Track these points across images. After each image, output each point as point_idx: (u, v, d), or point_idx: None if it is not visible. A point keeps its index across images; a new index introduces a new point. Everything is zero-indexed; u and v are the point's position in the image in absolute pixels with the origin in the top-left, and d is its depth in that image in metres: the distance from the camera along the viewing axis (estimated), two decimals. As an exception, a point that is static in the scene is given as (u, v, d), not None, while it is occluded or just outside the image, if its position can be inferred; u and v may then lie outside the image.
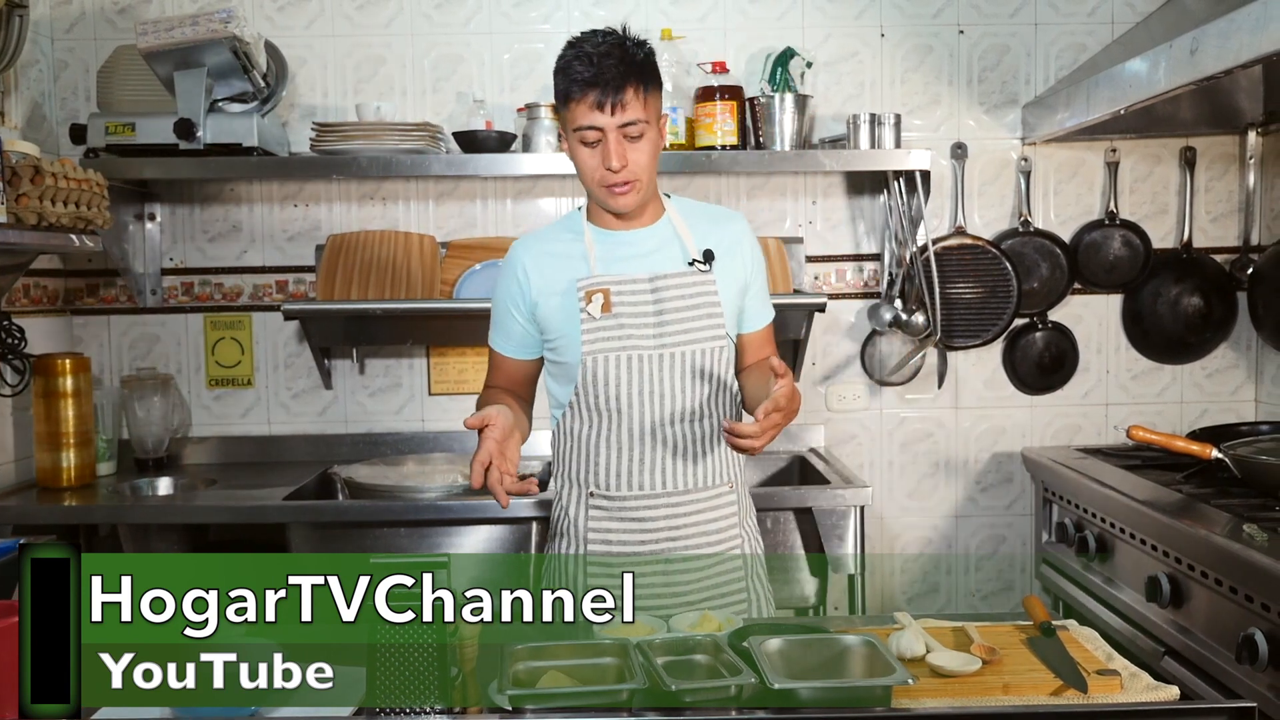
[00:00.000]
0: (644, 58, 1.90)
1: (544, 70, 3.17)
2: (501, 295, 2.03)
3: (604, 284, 1.93)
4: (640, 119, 1.86)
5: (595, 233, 1.98)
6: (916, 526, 3.32)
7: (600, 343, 1.92)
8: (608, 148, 1.85)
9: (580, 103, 1.85)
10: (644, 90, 1.87)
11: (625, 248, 1.97)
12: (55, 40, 3.13)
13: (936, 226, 3.23)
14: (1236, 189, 3.25)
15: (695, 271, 1.95)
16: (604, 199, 1.91)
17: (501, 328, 2.04)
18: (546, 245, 2.01)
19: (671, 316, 1.93)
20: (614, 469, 1.95)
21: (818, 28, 3.20)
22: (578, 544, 2.01)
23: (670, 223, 1.99)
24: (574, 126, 1.88)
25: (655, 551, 1.96)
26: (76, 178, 2.50)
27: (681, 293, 1.94)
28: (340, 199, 3.21)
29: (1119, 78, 2.55)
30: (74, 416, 2.83)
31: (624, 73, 1.85)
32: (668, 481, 1.95)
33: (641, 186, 1.90)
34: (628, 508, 1.96)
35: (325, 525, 2.66)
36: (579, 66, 1.86)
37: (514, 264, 2.01)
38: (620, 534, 1.97)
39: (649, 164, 1.89)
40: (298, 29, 3.16)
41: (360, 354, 3.23)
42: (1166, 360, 3.30)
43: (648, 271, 1.95)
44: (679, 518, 1.96)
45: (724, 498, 2.00)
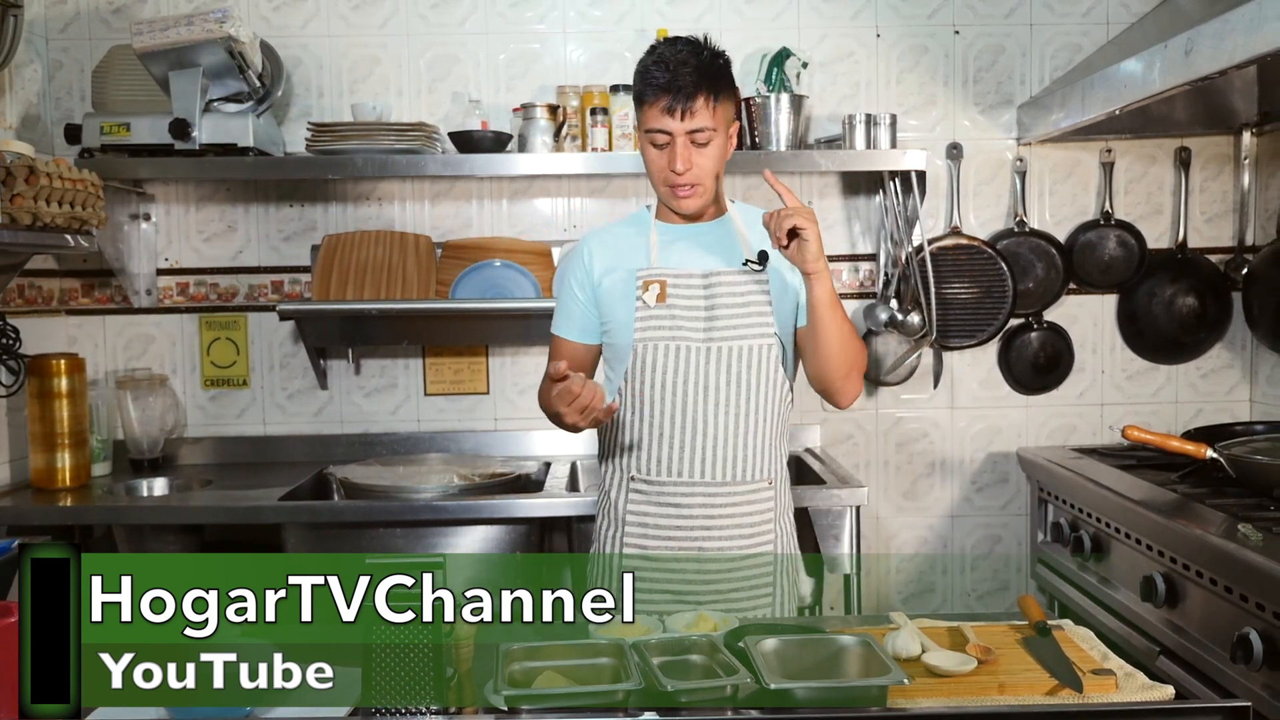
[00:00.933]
0: (719, 68, 1.99)
1: (540, 71, 3.17)
2: (568, 278, 2.12)
3: (662, 275, 2.02)
4: (708, 126, 1.95)
5: (660, 228, 2.08)
6: (912, 526, 3.32)
7: (652, 331, 2.00)
8: (674, 151, 1.95)
9: (653, 106, 1.95)
10: (715, 99, 1.95)
11: (684, 241, 2.06)
12: (50, 40, 3.12)
13: (932, 226, 3.23)
14: (1231, 189, 3.25)
15: (749, 271, 2.01)
16: (668, 198, 2.02)
17: (565, 311, 2.11)
18: (613, 234, 2.12)
19: (723, 313, 2.00)
20: (655, 454, 2.01)
21: (813, 28, 3.20)
22: (616, 526, 2.07)
23: (731, 222, 2.07)
24: (645, 128, 1.98)
25: (689, 538, 2.01)
26: (71, 178, 2.49)
27: (733, 290, 2.00)
28: (336, 199, 3.21)
29: (1114, 78, 2.56)
30: (69, 417, 2.83)
31: (697, 81, 1.93)
32: (706, 471, 2.00)
33: (704, 190, 2.00)
34: (666, 493, 2.02)
35: (321, 526, 2.66)
36: (656, 72, 1.95)
37: (582, 248, 2.12)
38: (657, 518, 2.03)
39: (713, 169, 1.99)
40: (293, 29, 3.15)
41: (356, 354, 3.22)
42: (1161, 360, 3.30)
43: (703, 268, 2.02)
44: (715, 508, 2.01)
45: (762, 493, 2.03)
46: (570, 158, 2.98)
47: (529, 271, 3.06)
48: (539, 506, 2.66)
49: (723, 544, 2.01)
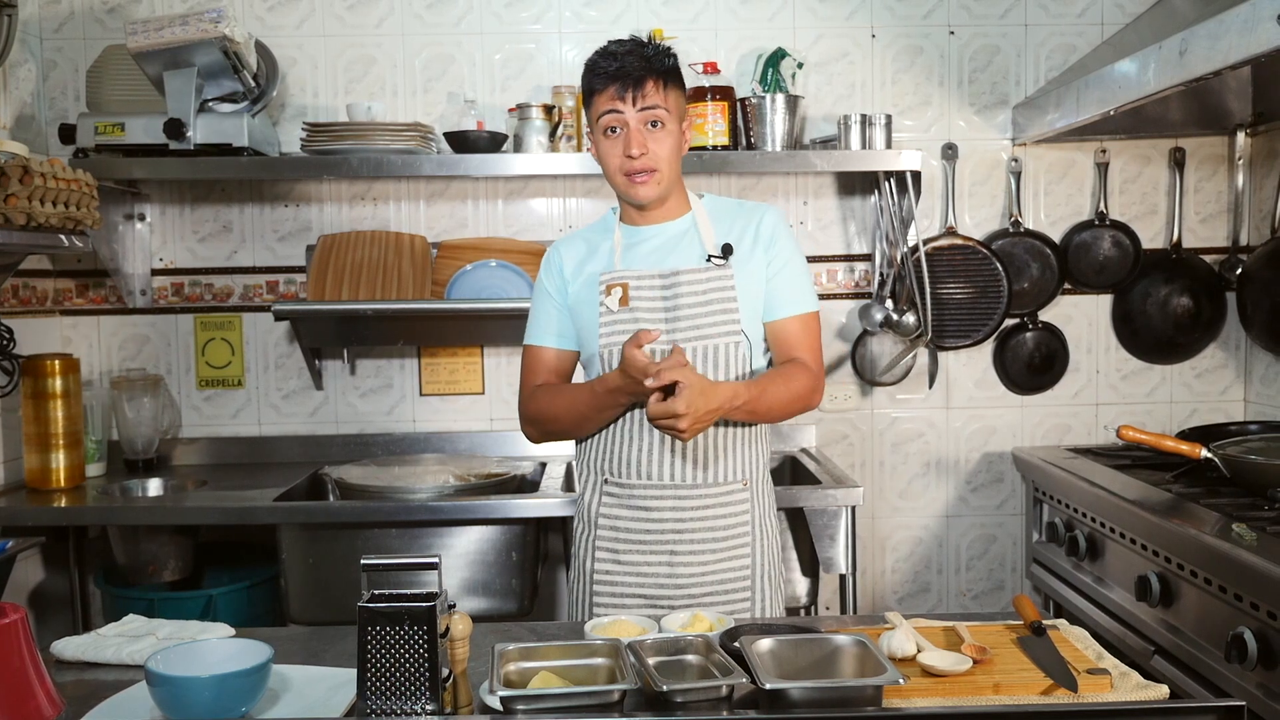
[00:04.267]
0: (666, 60, 1.98)
1: (535, 71, 3.17)
2: (542, 287, 2.10)
3: (623, 278, 1.99)
4: (660, 106, 1.94)
5: (623, 230, 2.06)
6: (908, 526, 3.32)
7: (616, 335, 1.98)
8: (628, 136, 1.93)
9: (603, 94, 1.95)
10: (664, 85, 1.95)
11: (645, 243, 2.04)
12: (44, 40, 3.12)
13: (927, 227, 3.24)
14: (1225, 189, 3.26)
15: (711, 267, 1.98)
16: (625, 188, 1.98)
17: (543, 319, 2.10)
18: (581, 240, 2.11)
19: (685, 313, 1.97)
20: (626, 457, 2.00)
21: (809, 29, 3.20)
22: (589, 528, 2.06)
23: (693, 219, 2.04)
24: (597, 115, 1.96)
25: (660, 542, 1.99)
26: (66, 178, 2.49)
27: (695, 289, 1.97)
28: (331, 199, 3.21)
29: (1109, 79, 2.56)
30: (63, 417, 2.82)
31: (645, 67, 1.93)
32: (675, 474, 1.98)
33: (662, 178, 1.96)
34: (636, 496, 2.00)
35: (316, 526, 2.65)
36: (603, 63, 1.95)
37: (553, 255, 2.11)
38: (628, 521, 2.01)
39: (669, 156, 1.97)
40: (288, 29, 3.15)
41: (351, 354, 3.22)
42: (1156, 360, 3.31)
43: (664, 267, 2.00)
44: (685, 511, 1.98)
45: (735, 495, 2.01)
46: (565, 158, 2.97)
47: (524, 272, 3.06)
48: (534, 507, 2.66)
49: (695, 547, 1.98)
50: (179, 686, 1.37)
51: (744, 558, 2.01)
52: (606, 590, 2.03)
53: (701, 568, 1.99)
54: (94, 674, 1.63)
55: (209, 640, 1.54)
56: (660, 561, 1.99)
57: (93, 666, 1.66)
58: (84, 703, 1.47)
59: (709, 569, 1.99)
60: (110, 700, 1.48)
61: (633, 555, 2.01)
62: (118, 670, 1.63)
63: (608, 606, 2.01)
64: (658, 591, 1.99)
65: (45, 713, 1.40)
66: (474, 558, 2.66)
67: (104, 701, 1.47)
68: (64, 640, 1.71)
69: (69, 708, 1.45)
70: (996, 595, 3.34)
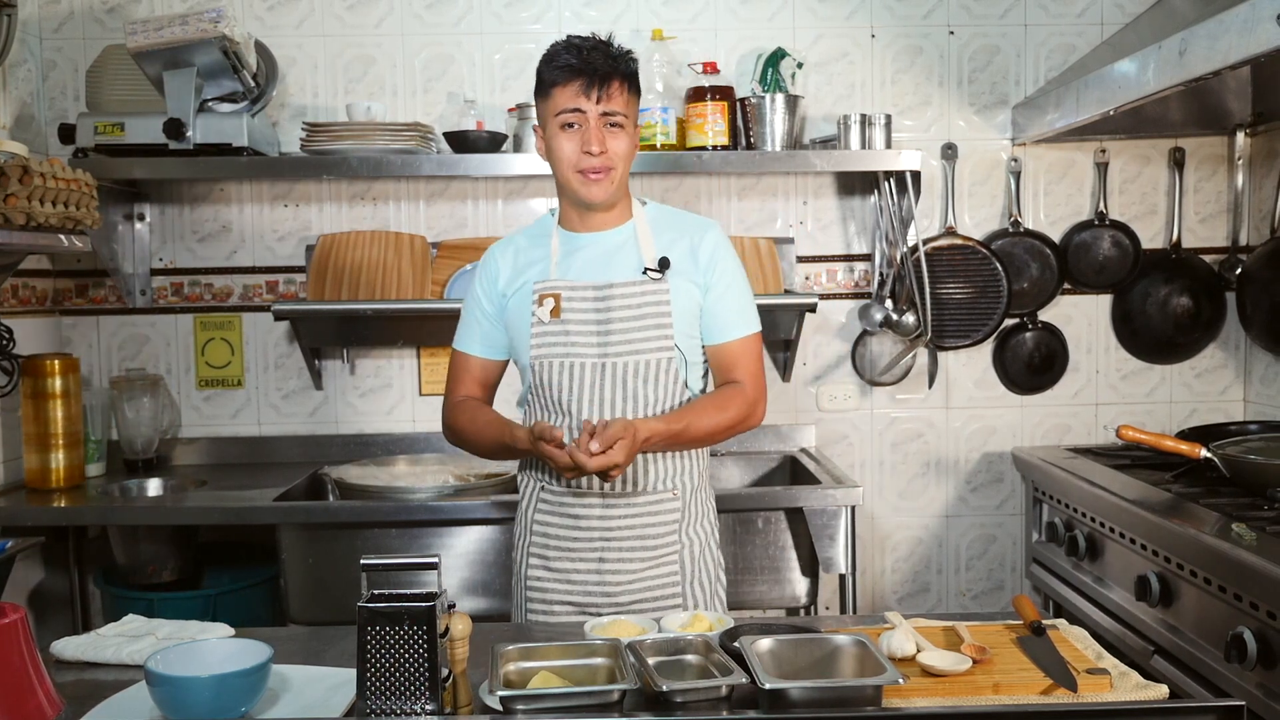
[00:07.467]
0: (630, 63, 1.95)
1: (535, 71, 3.16)
2: (475, 292, 2.07)
3: (557, 289, 1.96)
4: (622, 112, 1.91)
5: (561, 236, 2.02)
6: (907, 526, 3.32)
7: (546, 348, 1.96)
8: (589, 132, 1.89)
9: (565, 88, 1.90)
10: (628, 88, 1.93)
11: (582, 251, 2.00)
12: (44, 39, 3.12)
13: (927, 227, 3.24)
14: (1225, 189, 3.26)
15: (647, 280, 1.95)
16: (578, 187, 1.93)
17: (470, 324, 2.08)
18: (519, 246, 2.06)
19: (616, 327, 1.94)
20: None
21: (808, 28, 3.20)
22: (525, 534, 2.07)
23: (633, 229, 2.01)
24: (556, 111, 1.91)
25: (589, 549, 1.98)
26: (65, 178, 2.49)
27: (628, 302, 1.94)
28: (331, 199, 3.21)
29: (1108, 79, 2.56)
30: (63, 417, 2.82)
31: (611, 66, 1.90)
32: (604, 484, 1.96)
33: (616, 177, 1.93)
34: (566, 504, 2.00)
35: (315, 526, 2.65)
36: (566, 55, 1.91)
37: (489, 262, 2.07)
38: (558, 529, 2.01)
39: (625, 156, 1.94)
40: (288, 29, 3.15)
41: (351, 354, 3.22)
42: (1156, 360, 3.31)
43: (599, 279, 1.96)
44: (612, 519, 1.98)
45: (665, 504, 2.01)
46: (565, 158, 2.97)
47: (524, 272, 3.06)
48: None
49: (623, 555, 1.98)
50: (179, 686, 1.37)
51: (672, 564, 2.01)
52: (538, 596, 2.03)
53: (630, 575, 1.99)
54: (94, 674, 1.63)
55: (209, 640, 1.54)
56: (589, 569, 1.99)
57: (92, 666, 1.66)
58: (84, 703, 1.46)
59: (637, 576, 1.99)
60: (110, 700, 1.48)
61: (563, 562, 2.00)
62: (117, 670, 1.63)
63: (539, 612, 2.02)
64: (585, 599, 1.99)
65: (45, 713, 1.40)
66: (474, 558, 2.66)
67: (104, 701, 1.47)
68: (64, 640, 1.71)
69: (69, 708, 1.45)
70: (996, 595, 3.34)
